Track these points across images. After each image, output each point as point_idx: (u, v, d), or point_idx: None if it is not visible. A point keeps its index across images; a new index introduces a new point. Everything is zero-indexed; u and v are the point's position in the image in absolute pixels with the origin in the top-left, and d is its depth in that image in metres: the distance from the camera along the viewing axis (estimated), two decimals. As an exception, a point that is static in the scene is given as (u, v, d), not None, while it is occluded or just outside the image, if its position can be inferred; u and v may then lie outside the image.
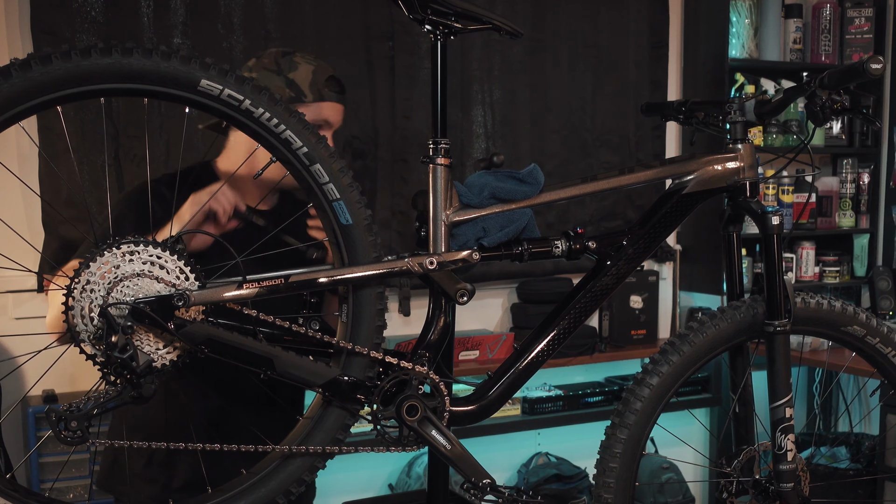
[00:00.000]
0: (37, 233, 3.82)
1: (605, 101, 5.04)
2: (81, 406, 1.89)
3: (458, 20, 2.11)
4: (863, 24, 5.42)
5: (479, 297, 4.87)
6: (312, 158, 2.02)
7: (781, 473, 2.36)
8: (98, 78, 1.84)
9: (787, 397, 2.34)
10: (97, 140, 3.90)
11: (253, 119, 1.97)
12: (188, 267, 1.94)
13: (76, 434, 1.88)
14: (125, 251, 1.89)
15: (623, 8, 5.05)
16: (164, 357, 1.95)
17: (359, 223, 2.07)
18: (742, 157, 2.36)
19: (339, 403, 2.12)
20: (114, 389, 1.90)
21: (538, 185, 2.25)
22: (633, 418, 2.37)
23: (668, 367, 2.39)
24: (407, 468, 4.62)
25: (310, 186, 2.05)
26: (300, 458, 2.11)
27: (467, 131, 4.69)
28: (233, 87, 1.93)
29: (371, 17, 4.41)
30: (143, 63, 1.86)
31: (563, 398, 4.87)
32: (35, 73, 1.79)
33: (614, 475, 2.37)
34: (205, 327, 1.95)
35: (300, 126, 2.00)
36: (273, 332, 2.06)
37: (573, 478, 4.81)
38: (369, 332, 2.11)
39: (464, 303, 2.16)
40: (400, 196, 4.52)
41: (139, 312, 1.88)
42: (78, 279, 1.86)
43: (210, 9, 4.08)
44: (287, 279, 2.01)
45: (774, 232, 2.31)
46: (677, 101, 2.57)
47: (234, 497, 2.08)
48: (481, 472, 2.19)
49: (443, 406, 2.17)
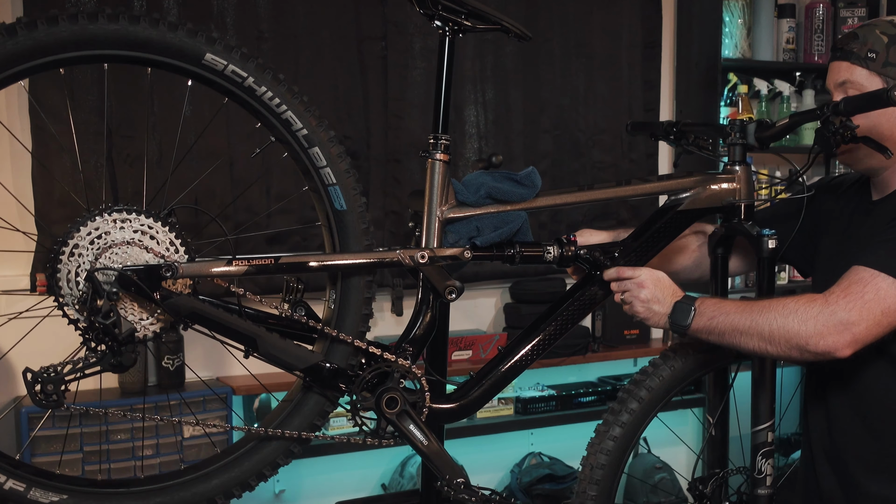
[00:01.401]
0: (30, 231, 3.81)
1: (598, 101, 5.03)
2: (59, 370, 1.89)
3: (468, 18, 2.13)
4: (856, 23, 5.41)
5: (472, 296, 4.87)
6: (311, 141, 2.03)
7: (758, 498, 2.38)
8: (103, 43, 1.86)
9: (769, 422, 2.35)
10: (90, 139, 3.89)
11: (255, 97, 1.98)
12: (178, 239, 1.95)
13: (52, 398, 1.88)
14: (117, 218, 1.90)
15: (616, 8, 5.05)
16: (147, 327, 1.96)
17: (353, 209, 2.09)
18: (739, 180, 2.38)
19: (319, 389, 2.13)
20: (94, 356, 1.90)
21: (535, 188, 2.26)
22: (618, 430, 2.41)
23: (659, 381, 2.42)
24: (400, 468, 4.61)
25: (306, 169, 2.06)
26: (276, 442, 2.12)
27: (460, 131, 4.68)
28: (237, 64, 1.95)
29: (363, 18, 4.40)
30: (149, 32, 1.88)
31: (555, 398, 4.87)
32: (40, 33, 1.81)
33: None
34: (190, 300, 1.97)
35: (301, 108, 2.01)
36: (258, 313, 2.07)
37: (566, 478, 4.81)
38: (355, 320, 2.13)
39: (452, 299, 2.17)
40: (392, 196, 4.52)
41: (126, 280, 1.88)
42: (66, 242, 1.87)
43: (203, 9, 4.07)
44: (277, 260, 2.02)
45: (769, 255, 2.32)
46: (667, 121, 2.59)
47: (208, 475, 2.09)
48: (456, 470, 2.19)
49: (423, 401, 2.18)
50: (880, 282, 2.14)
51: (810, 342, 2.13)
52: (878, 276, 2.14)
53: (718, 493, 2.49)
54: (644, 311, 2.32)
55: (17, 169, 3.86)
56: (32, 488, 1.93)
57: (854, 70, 2.34)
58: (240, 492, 2.12)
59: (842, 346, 2.12)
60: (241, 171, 4.11)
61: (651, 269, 2.34)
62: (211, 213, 3.98)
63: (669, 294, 2.31)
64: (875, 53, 2.31)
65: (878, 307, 2.13)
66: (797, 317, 2.14)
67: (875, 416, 2.38)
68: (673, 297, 2.31)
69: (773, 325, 2.16)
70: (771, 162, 5.02)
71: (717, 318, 2.23)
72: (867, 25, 2.38)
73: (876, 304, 2.13)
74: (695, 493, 2.52)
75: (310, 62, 4.29)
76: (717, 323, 2.23)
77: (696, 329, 2.27)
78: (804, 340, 2.13)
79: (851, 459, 2.42)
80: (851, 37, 2.37)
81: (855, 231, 2.47)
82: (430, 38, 4.44)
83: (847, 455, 2.44)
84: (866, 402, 2.39)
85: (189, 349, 4.05)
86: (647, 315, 2.32)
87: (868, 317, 2.12)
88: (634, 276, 2.32)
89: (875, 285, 2.14)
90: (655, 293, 2.30)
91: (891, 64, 2.30)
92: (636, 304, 2.32)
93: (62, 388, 1.88)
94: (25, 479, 1.93)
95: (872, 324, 2.13)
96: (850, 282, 2.17)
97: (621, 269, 2.33)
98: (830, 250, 2.54)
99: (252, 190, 4.15)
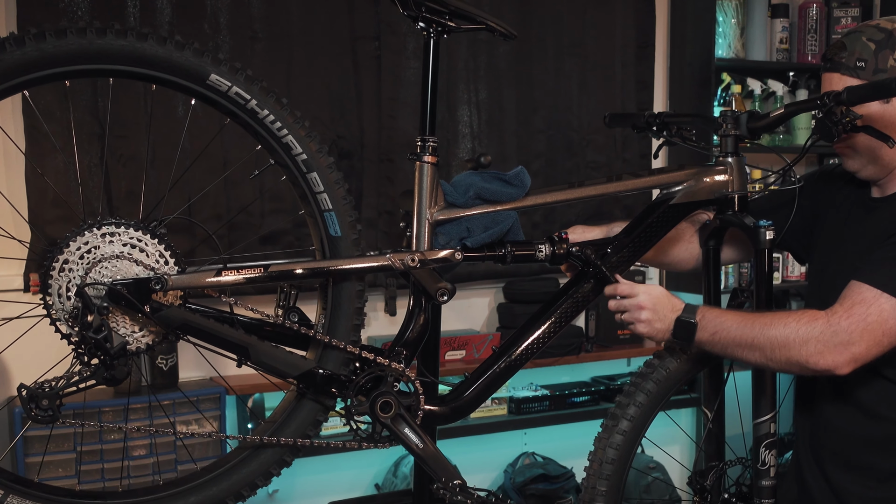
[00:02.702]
0: (23, 232, 3.81)
1: (591, 100, 5.03)
2: (54, 385, 1.89)
3: (452, 19, 2.12)
4: (849, 23, 5.43)
5: (466, 296, 4.87)
6: (310, 166, 2.04)
7: (762, 489, 2.38)
8: (110, 58, 1.88)
9: (771, 413, 2.35)
10: (84, 140, 3.89)
11: (257, 119, 1.99)
12: (168, 251, 1.95)
13: (47, 412, 1.89)
14: (105, 232, 1.91)
15: (609, 8, 5.05)
16: (139, 340, 1.96)
17: (347, 236, 2.09)
18: (732, 171, 2.36)
19: (313, 396, 2.13)
20: (87, 370, 1.91)
21: (524, 187, 2.26)
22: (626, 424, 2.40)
23: (665, 373, 2.42)
24: (393, 468, 4.61)
25: (304, 193, 2.07)
26: (270, 451, 2.12)
27: (453, 131, 4.68)
28: (241, 86, 1.96)
29: (357, 17, 4.40)
30: (156, 50, 1.90)
31: (549, 398, 4.87)
32: (48, 46, 1.82)
33: None
34: (181, 312, 1.97)
35: (302, 133, 2.02)
36: (251, 321, 2.07)
37: (559, 477, 4.81)
38: (348, 325, 2.13)
39: (444, 302, 2.17)
40: (386, 196, 4.52)
41: (116, 294, 1.89)
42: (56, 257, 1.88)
43: (196, 8, 4.07)
44: (266, 269, 2.02)
45: (766, 247, 2.32)
46: (648, 112, 2.58)
47: (203, 485, 2.09)
48: (452, 472, 2.19)
49: (417, 404, 2.18)
50: (883, 303, 2.16)
51: (811, 360, 2.16)
52: (882, 297, 2.16)
53: (718, 484, 2.50)
54: (647, 331, 2.34)
55: (10, 169, 3.85)
56: None
57: (845, 81, 2.33)
58: (233, 501, 2.12)
59: (841, 365, 2.16)
60: (235, 174, 4.10)
61: (648, 287, 2.34)
62: (203, 216, 4.01)
63: (669, 310, 2.32)
64: (864, 62, 2.31)
65: (879, 328, 2.16)
66: (799, 335, 2.17)
67: (854, 417, 2.42)
68: (673, 311, 2.32)
69: (774, 342, 2.19)
70: (764, 162, 5.02)
71: (719, 332, 2.25)
72: (854, 33, 2.38)
73: (878, 325, 2.15)
74: (695, 486, 2.52)
75: (303, 62, 4.29)
76: (720, 338, 2.25)
77: (698, 343, 2.29)
78: (804, 358, 2.16)
79: (832, 456, 2.47)
80: (839, 47, 2.37)
81: (853, 226, 2.48)
82: (423, 38, 4.42)
83: (829, 453, 2.48)
84: (851, 404, 2.43)
85: (182, 349, 4.05)
86: (650, 334, 2.34)
87: (869, 338, 2.15)
88: (632, 296, 2.32)
89: (878, 306, 2.16)
90: (655, 312, 2.31)
91: (881, 70, 2.30)
92: (638, 326, 2.34)
93: (57, 403, 1.89)
94: None
95: (873, 344, 2.16)
96: (853, 301, 2.18)
97: (619, 287, 2.34)
98: (827, 242, 2.55)
99: (245, 190, 4.14)
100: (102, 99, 3.90)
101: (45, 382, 1.90)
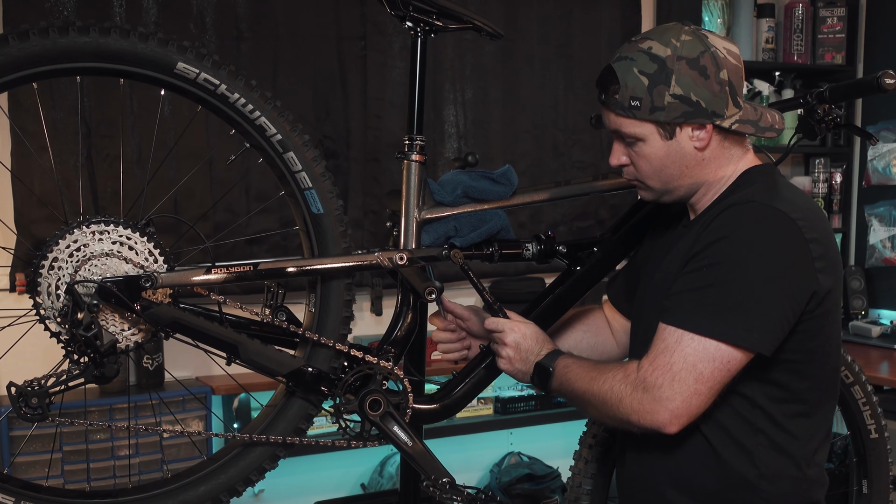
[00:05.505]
0: (8, 235, 3.79)
1: (578, 100, 5.03)
2: (43, 383, 1.90)
3: (439, 18, 2.13)
4: (835, 23, 5.44)
5: (453, 296, 4.81)
6: (286, 146, 2.04)
7: None
8: (75, 56, 1.87)
9: None
10: (69, 139, 3.88)
11: (228, 104, 1.99)
12: (157, 249, 1.95)
13: (36, 411, 1.89)
14: (95, 230, 1.91)
15: (596, 8, 5.05)
16: (128, 338, 1.96)
17: (330, 213, 2.09)
18: None
19: (303, 394, 2.13)
20: (77, 368, 1.91)
21: (512, 186, 2.26)
22: None
23: None
24: (379, 468, 4.61)
25: (282, 174, 2.07)
26: (261, 447, 2.12)
27: (439, 131, 4.68)
28: (209, 72, 1.95)
29: (343, 17, 4.39)
30: (120, 43, 1.89)
31: (535, 398, 4.86)
32: (12, 49, 1.82)
33: None
34: (170, 310, 1.97)
35: (275, 113, 2.02)
36: (240, 319, 2.08)
37: (545, 477, 4.81)
38: (336, 323, 2.13)
39: (432, 300, 2.18)
40: (372, 196, 4.52)
41: (106, 291, 1.89)
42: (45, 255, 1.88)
43: (182, 8, 4.06)
44: (256, 266, 2.03)
45: None
46: None
47: (194, 483, 2.10)
48: (441, 470, 2.19)
49: (406, 402, 2.18)
50: (685, 346, 1.92)
51: (632, 419, 1.97)
52: (684, 338, 1.92)
53: None
54: (507, 368, 2.22)
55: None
56: None
57: (622, 121, 2.05)
58: (227, 498, 2.12)
59: (665, 424, 1.93)
60: (221, 171, 4.09)
61: (519, 326, 2.20)
62: (189, 215, 4.00)
63: (535, 353, 2.18)
64: (638, 101, 2.00)
65: (689, 376, 1.91)
66: (614, 393, 1.98)
67: None
68: (537, 355, 2.17)
69: (598, 399, 2.02)
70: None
71: (565, 383, 2.11)
72: (625, 60, 2.03)
73: (687, 373, 1.91)
74: None
75: (289, 62, 4.28)
76: (565, 389, 2.11)
77: (553, 391, 2.16)
78: (626, 417, 1.98)
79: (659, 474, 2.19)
80: (610, 78, 2.05)
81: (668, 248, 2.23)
82: (409, 38, 4.42)
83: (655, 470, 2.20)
84: None
85: (169, 348, 4.04)
86: (510, 373, 2.22)
87: (682, 389, 1.91)
88: (497, 331, 2.22)
89: (681, 352, 1.92)
90: (519, 352, 2.18)
91: (658, 108, 2.00)
92: (500, 363, 2.23)
93: (46, 402, 1.89)
94: None
95: (690, 395, 1.91)
96: (657, 350, 1.96)
97: (486, 322, 2.24)
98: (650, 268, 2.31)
99: (231, 190, 4.13)
100: (88, 98, 3.89)
101: (35, 380, 1.90)
